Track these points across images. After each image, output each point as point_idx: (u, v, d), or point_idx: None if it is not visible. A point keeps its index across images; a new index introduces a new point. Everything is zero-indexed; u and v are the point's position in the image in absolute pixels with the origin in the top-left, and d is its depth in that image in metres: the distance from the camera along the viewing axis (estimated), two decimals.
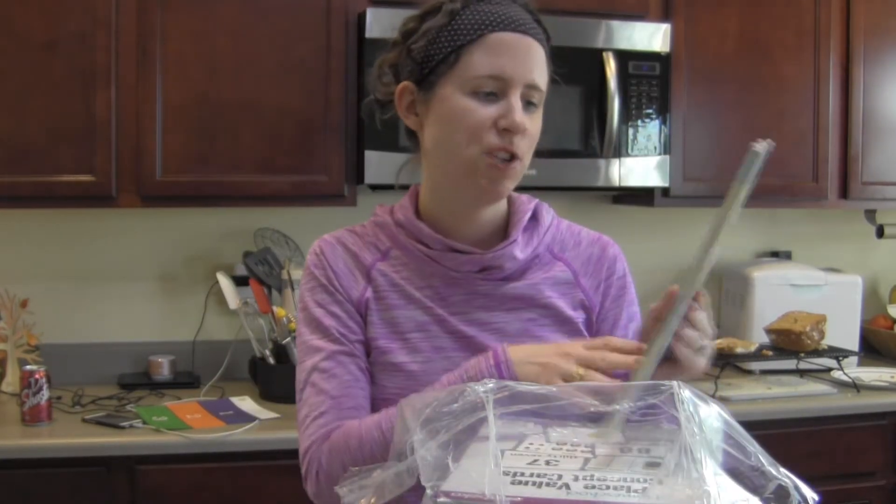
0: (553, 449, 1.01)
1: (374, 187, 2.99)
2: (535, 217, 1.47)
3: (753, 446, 0.92)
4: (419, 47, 1.39)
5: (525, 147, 1.36)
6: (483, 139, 1.33)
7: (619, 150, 3.07)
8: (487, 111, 1.33)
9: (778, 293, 3.40)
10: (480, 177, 1.35)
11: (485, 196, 1.39)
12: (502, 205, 1.45)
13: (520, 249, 1.42)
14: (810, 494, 0.92)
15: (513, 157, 1.35)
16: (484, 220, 1.43)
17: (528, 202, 1.48)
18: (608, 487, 0.93)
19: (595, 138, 3.05)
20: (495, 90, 1.34)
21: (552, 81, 1.43)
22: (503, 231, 1.44)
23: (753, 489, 0.91)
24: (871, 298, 3.85)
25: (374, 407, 1.38)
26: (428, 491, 0.92)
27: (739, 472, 0.92)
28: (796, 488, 0.91)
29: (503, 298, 1.41)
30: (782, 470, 0.92)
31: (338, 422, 1.34)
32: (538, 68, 1.36)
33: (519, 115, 1.33)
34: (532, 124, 1.36)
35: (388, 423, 1.27)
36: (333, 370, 1.38)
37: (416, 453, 0.94)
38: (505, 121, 1.33)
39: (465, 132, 1.34)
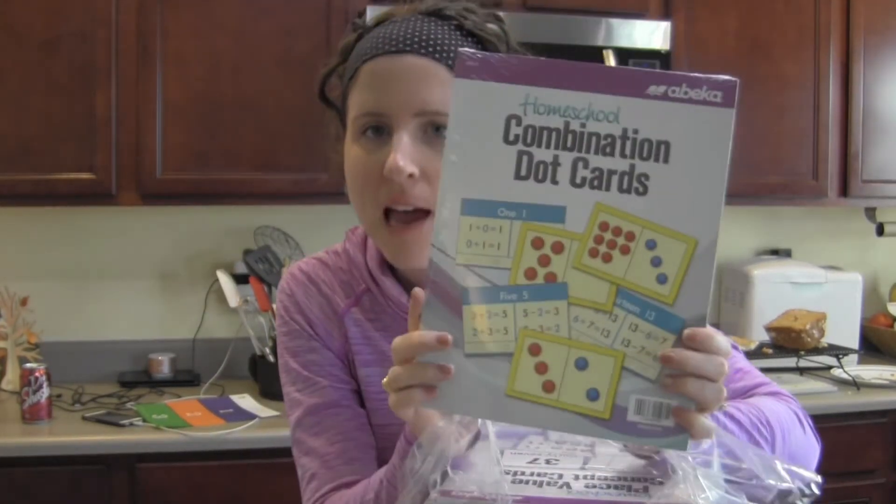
0: (553, 448, 1.00)
1: None
2: None
3: (751, 450, 0.92)
4: (337, 97, 1.22)
5: (432, 194, 1.06)
6: (373, 198, 1.11)
7: None
8: (375, 160, 1.10)
9: (778, 291, 3.40)
10: (383, 243, 1.14)
11: (394, 260, 1.15)
12: None
13: None
14: (812, 477, 0.91)
15: (417, 210, 1.09)
16: None
17: None
18: (609, 486, 0.93)
19: None
20: (383, 129, 1.10)
21: None
22: None
23: (753, 489, 0.91)
24: (872, 296, 3.85)
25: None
26: (431, 492, 0.92)
27: (739, 471, 0.92)
28: (796, 476, 0.91)
29: None
30: (779, 468, 0.91)
31: (330, 484, 1.16)
32: (436, 88, 1.09)
33: (396, 155, 1.06)
34: (439, 163, 0.93)
35: (375, 486, 1.09)
36: (318, 425, 1.20)
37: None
38: (386, 168, 1.07)
39: (359, 190, 1.13)
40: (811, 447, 1.14)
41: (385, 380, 0.91)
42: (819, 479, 0.90)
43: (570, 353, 0.88)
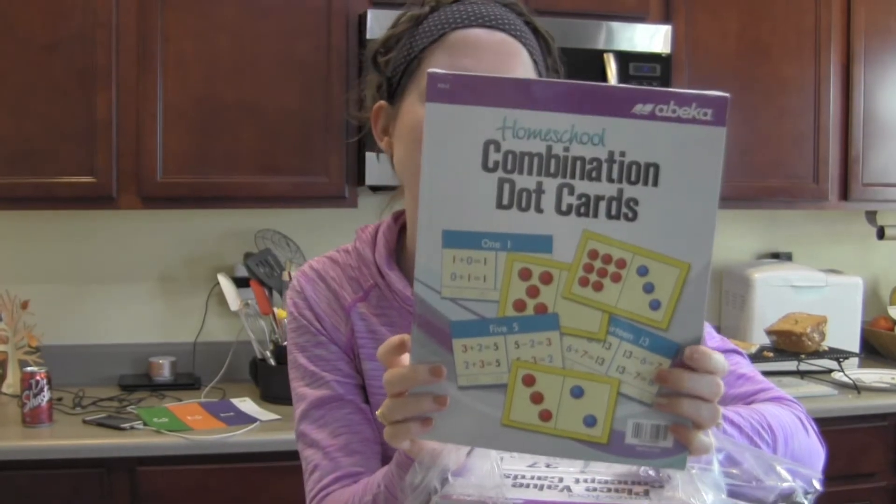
0: None
1: (375, 188, 2.98)
2: None
3: (749, 452, 0.92)
4: (385, 59, 1.24)
5: None
6: None
7: None
8: None
9: (779, 294, 3.40)
10: None
11: None
12: None
13: None
14: (812, 474, 0.91)
15: None
16: None
17: None
18: (609, 490, 0.93)
19: None
20: None
21: None
22: None
23: (754, 490, 0.91)
24: (872, 300, 3.84)
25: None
26: (433, 497, 0.92)
27: (737, 475, 0.92)
28: (797, 475, 0.91)
29: None
30: (779, 469, 0.91)
31: (332, 475, 1.19)
32: (519, 66, 1.17)
33: None
34: None
35: (374, 489, 1.09)
36: (322, 418, 1.23)
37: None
38: None
39: None
40: (815, 451, 1.14)
41: (379, 411, 0.91)
42: (819, 475, 0.91)
43: (566, 382, 0.87)
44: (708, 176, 0.82)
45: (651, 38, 3.11)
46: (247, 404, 2.89)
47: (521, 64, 1.17)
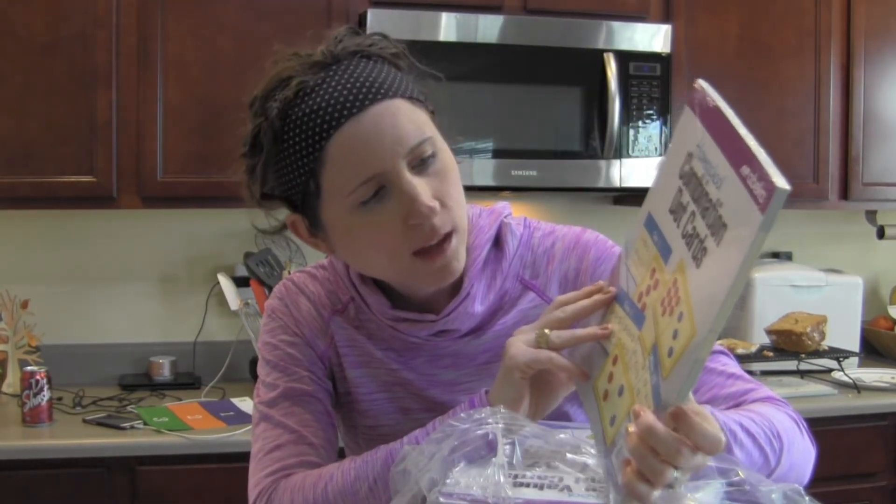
0: (553, 451, 1.01)
1: None
2: (497, 242, 1.24)
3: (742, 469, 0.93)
4: (271, 189, 1.23)
5: (451, 215, 1.12)
6: (402, 248, 1.11)
7: (620, 151, 3.07)
8: (389, 218, 1.10)
9: (779, 294, 3.40)
10: (423, 278, 1.15)
11: (437, 284, 1.17)
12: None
13: (479, 301, 1.21)
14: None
15: (444, 235, 1.12)
16: None
17: (487, 228, 1.23)
18: (610, 490, 0.93)
19: (596, 139, 3.06)
20: (382, 184, 1.09)
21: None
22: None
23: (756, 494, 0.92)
24: (872, 299, 3.85)
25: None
26: (430, 494, 0.92)
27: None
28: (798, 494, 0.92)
29: (472, 355, 1.23)
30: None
31: (298, 458, 1.19)
32: (407, 122, 1.10)
33: (422, 200, 1.08)
34: (440, 183, 1.11)
35: (351, 472, 1.13)
36: (292, 407, 1.23)
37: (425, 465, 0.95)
38: (412, 217, 1.08)
39: (378, 251, 1.13)
40: (809, 453, 1.15)
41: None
42: (806, 480, 0.92)
43: (622, 378, 0.94)
44: (743, 261, 0.79)
45: (651, 37, 3.11)
46: (247, 404, 2.89)
47: (404, 118, 1.10)
